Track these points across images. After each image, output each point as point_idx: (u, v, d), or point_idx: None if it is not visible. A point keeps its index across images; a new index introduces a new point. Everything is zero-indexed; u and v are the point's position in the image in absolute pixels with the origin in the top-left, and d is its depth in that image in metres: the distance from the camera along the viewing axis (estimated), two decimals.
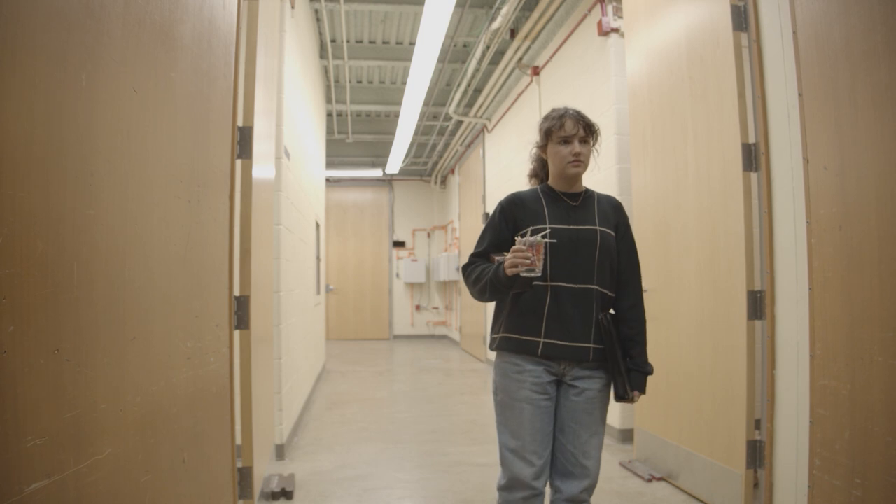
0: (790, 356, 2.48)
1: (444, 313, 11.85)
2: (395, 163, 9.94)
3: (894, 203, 1.72)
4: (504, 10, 5.06)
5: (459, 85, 7.05)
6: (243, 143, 2.41)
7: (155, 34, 1.38)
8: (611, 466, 3.61)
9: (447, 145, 10.19)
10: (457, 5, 5.52)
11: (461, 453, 3.95)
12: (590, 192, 2.01)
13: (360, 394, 6.25)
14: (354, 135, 9.75)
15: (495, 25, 5.29)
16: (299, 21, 4.93)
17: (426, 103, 8.04)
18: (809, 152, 2.07)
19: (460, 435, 4.45)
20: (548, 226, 1.88)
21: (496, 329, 1.97)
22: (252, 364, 2.48)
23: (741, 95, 2.69)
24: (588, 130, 1.92)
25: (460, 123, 8.79)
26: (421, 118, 8.53)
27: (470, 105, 8.10)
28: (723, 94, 2.79)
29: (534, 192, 2.00)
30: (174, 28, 1.49)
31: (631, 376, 1.88)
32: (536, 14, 5.10)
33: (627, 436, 4.05)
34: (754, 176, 2.68)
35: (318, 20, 6.26)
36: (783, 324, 2.53)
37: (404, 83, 7.37)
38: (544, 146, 1.98)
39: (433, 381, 6.97)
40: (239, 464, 2.43)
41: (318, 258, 7.00)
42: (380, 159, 10.98)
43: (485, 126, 8.14)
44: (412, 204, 12.20)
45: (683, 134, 3.14)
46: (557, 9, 4.95)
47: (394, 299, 12.03)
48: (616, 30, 4.25)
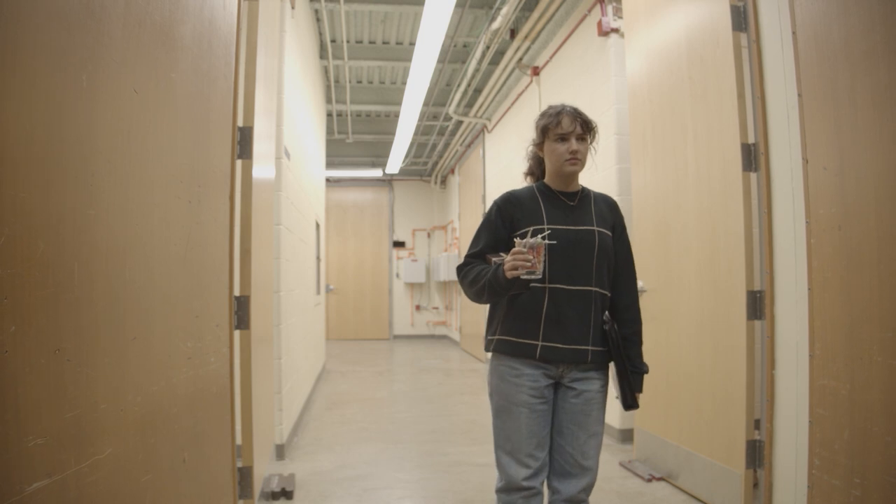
0: (790, 356, 2.48)
1: (444, 313, 11.85)
2: (395, 163, 9.94)
3: (893, 203, 1.72)
4: (504, 11, 5.06)
5: (459, 85, 7.05)
6: (243, 144, 2.41)
7: (155, 35, 1.38)
8: (611, 466, 3.61)
9: (447, 145, 10.19)
10: (457, 5, 5.52)
11: (461, 453, 3.95)
12: (586, 191, 1.97)
13: (360, 394, 6.25)
14: (354, 135, 9.76)
15: (495, 25, 5.30)
16: (299, 21, 4.93)
17: (426, 103, 8.04)
18: (809, 152, 2.07)
19: (460, 435, 4.46)
20: (546, 226, 1.84)
21: (492, 330, 1.93)
22: (252, 364, 2.48)
23: (741, 96, 2.69)
24: (585, 128, 1.87)
25: (460, 123, 8.79)
26: (421, 118, 8.53)
27: (470, 105, 8.10)
28: (722, 95, 2.80)
29: (530, 191, 1.95)
30: (174, 28, 1.49)
31: (631, 378, 1.87)
32: (536, 14, 5.10)
33: (627, 436, 4.05)
34: (754, 176, 2.68)
35: (318, 20, 6.26)
36: (783, 324, 2.53)
37: (404, 83, 7.37)
38: (541, 143, 1.94)
39: (433, 381, 6.97)
40: (239, 464, 2.43)
41: (318, 258, 7.00)
42: (380, 159, 10.98)
43: (485, 126, 8.14)
44: (412, 204, 12.20)
45: (683, 134, 3.14)
46: (557, 9, 4.95)
47: (394, 299, 12.04)
48: (616, 30, 4.25)
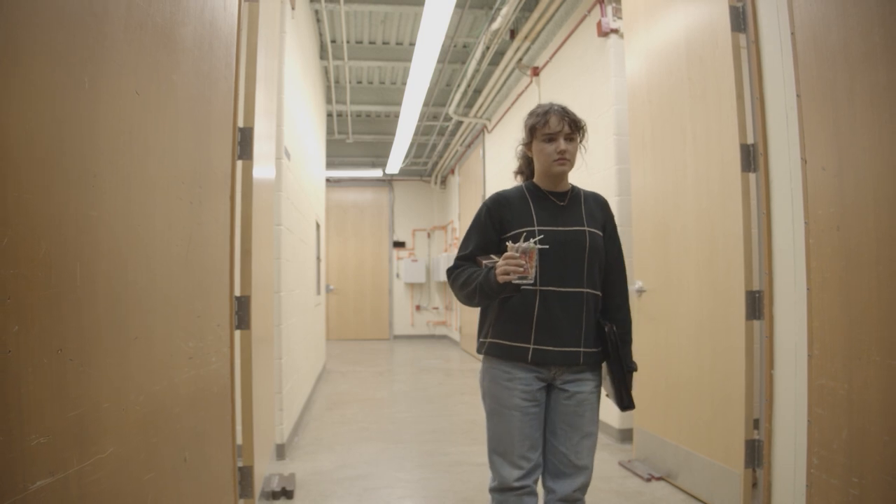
0: (788, 356, 2.49)
1: (444, 313, 11.86)
2: (395, 163, 9.95)
3: (892, 204, 1.72)
4: (504, 11, 5.07)
5: (459, 85, 7.06)
6: (244, 145, 2.41)
7: (157, 37, 1.39)
8: (610, 466, 3.62)
9: (447, 146, 10.20)
10: (456, 6, 5.53)
11: (461, 453, 3.96)
12: (577, 191, 1.96)
13: (361, 394, 6.26)
14: (354, 135, 9.77)
15: (495, 26, 5.30)
16: (299, 22, 4.94)
17: (426, 104, 8.05)
18: (808, 153, 2.07)
19: (461, 435, 4.46)
20: (536, 228, 1.83)
21: (483, 333, 1.92)
22: (253, 364, 2.49)
23: (740, 96, 2.69)
24: (574, 127, 1.85)
25: (460, 124, 8.79)
26: (421, 118, 8.54)
27: (470, 105, 8.11)
28: (721, 95, 2.80)
29: (519, 191, 1.94)
30: (176, 30, 1.50)
31: (626, 379, 1.87)
32: (536, 15, 5.11)
33: (627, 435, 4.06)
34: (753, 177, 2.68)
35: (319, 21, 6.27)
36: (781, 324, 2.54)
37: (404, 83, 7.38)
38: (529, 143, 1.92)
39: (433, 381, 6.98)
40: (240, 463, 2.44)
41: (319, 258, 7.00)
42: (380, 159, 10.99)
43: (485, 126, 8.15)
44: (412, 204, 12.21)
45: (682, 135, 3.15)
46: (557, 9, 4.95)
47: (394, 299, 12.04)
48: (615, 30, 4.25)
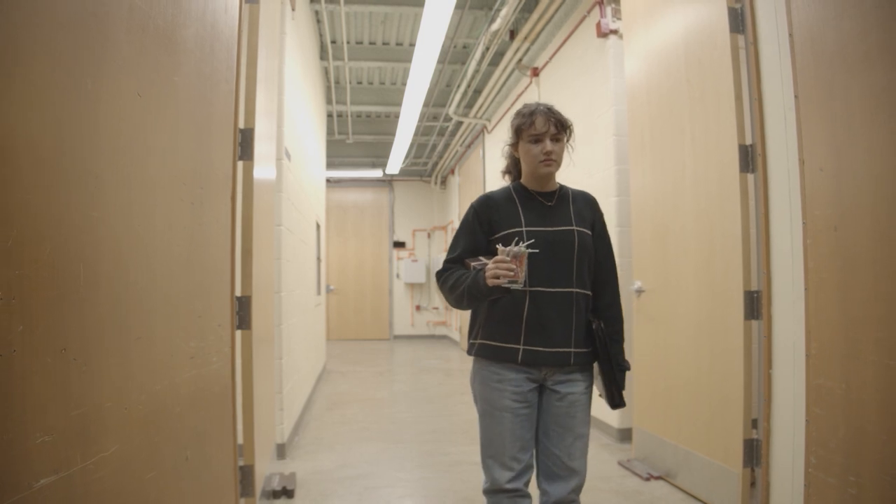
0: (787, 356, 2.50)
1: (444, 313, 11.87)
2: (396, 163, 9.96)
3: (889, 204, 1.73)
4: (503, 12, 5.08)
5: (459, 86, 7.07)
6: (245, 145, 2.43)
7: (158, 39, 1.40)
8: (609, 465, 3.63)
9: (447, 146, 10.21)
10: (456, 7, 5.54)
11: (461, 453, 3.97)
12: (564, 190, 1.95)
13: (361, 394, 6.27)
14: (355, 135, 9.78)
15: (495, 27, 5.31)
16: (300, 23, 4.95)
17: (426, 104, 8.06)
18: (805, 154, 2.08)
19: (460, 435, 4.47)
20: (524, 228, 1.83)
21: (473, 335, 1.91)
22: (253, 364, 2.50)
23: (738, 97, 2.70)
24: (560, 127, 1.84)
25: (460, 124, 8.80)
26: (421, 119, 8.55)
27: (470, 106, 8.12)
28: (720, 96, 2.81)
29: (506, 192, 1.93)
30: (177, 32, 1.51)
31: (617, 377, 1.86)
32: (536, 15, 5.12)
33: (626, 435, 4.07)
34: (751, 177, 2.69)
35: (319, 22, 6.28)
36: (780, 324, 2.55)
37: (404, 84, 7.39)
38: (515, 144, 1.92)
39: (433, 381, 6.99)
40: (241, 462, 2.45)
41: (319, 259, 7.02)
42: (380, 160, 11.00)
43: (484, 127, 8.16)
44: (412, 204, 12.22)
45: (681, 135, 3.16)
46: (556, 10, 4.96)
47: (394, 299, 12.05)
48: (615, 31, 4.26)
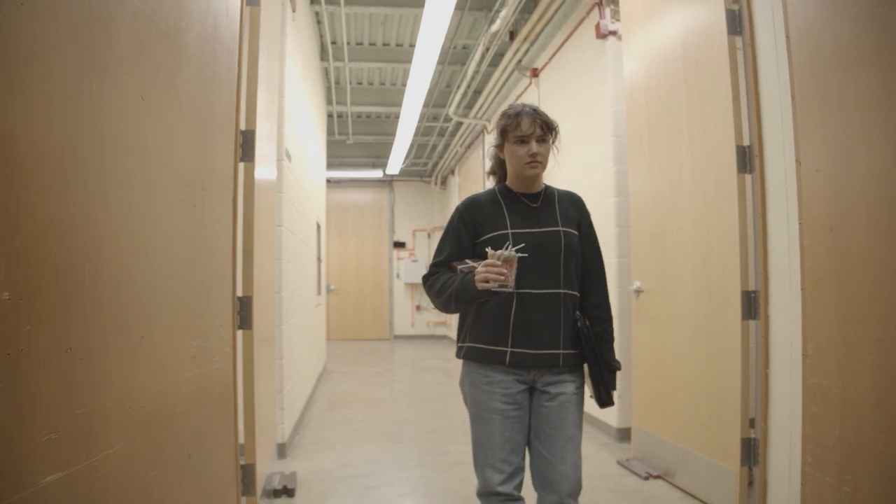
0: (784, 355, 2.51)
1: (444, 314, 11.87)
2: (396, 164, 9.98)
3: (885, 205, 1.74)
4: (503, 13, 5.10)
5: (459, 86, 7.09)
6: (246, 147, 2.44)
7: (161, 43, 1.42)
8: (608, 464, 3.65)
9: (447, 146, 10.23)
10: (456, 8, 5.56)
11: (461, 452, 3.98)
12: (550, 191, 1.95)
13: (361, 394, 6.28)
14: (355, 136, 9.79)
15: (494, 28, 5.33)
16: (300, 24, 4.97)
17: (426, 105, 8.08)
18: (802, 154, 2.09)
19: (460, 434, 4.48)
20: (510, 231, 1.83)
21: (461, 337, 1.91)
22: (254, 364, 2.52)
23: (735, 98, 2.72)
24: (546, 128, 1.83)
25: (460, 124, 8.82)
26: (421, 119, 8.57)
27: (469, 106, 8.14)
28: (718, 97, 2.83)
29: (491, 194, 1.92)
30: (179, 36, 1.53)
31: (605, 376, 1.85)
32: (535, 16, 5.14)
33: (625, 434, 4.09)
34: (748, 178, 2.71)
35: (319, 23, 6.30)
36: (777, 324, 2.57)
37: (404, 85, 7.41)
38: (501, 145, 1.90)
39: (433, 381, 7.00)
40: (242, 461, 2.47)
41: (319, 259, 7.03)
42: (380, 160, 11.02)
43: (484, 127, 8.18)
44: (412, 205, 12.24)
45: (679, 136, 3.17)
46: (556, 11, 4.98)
47: (394, 300, 12.07)
48: (614, 33, 4.28)
